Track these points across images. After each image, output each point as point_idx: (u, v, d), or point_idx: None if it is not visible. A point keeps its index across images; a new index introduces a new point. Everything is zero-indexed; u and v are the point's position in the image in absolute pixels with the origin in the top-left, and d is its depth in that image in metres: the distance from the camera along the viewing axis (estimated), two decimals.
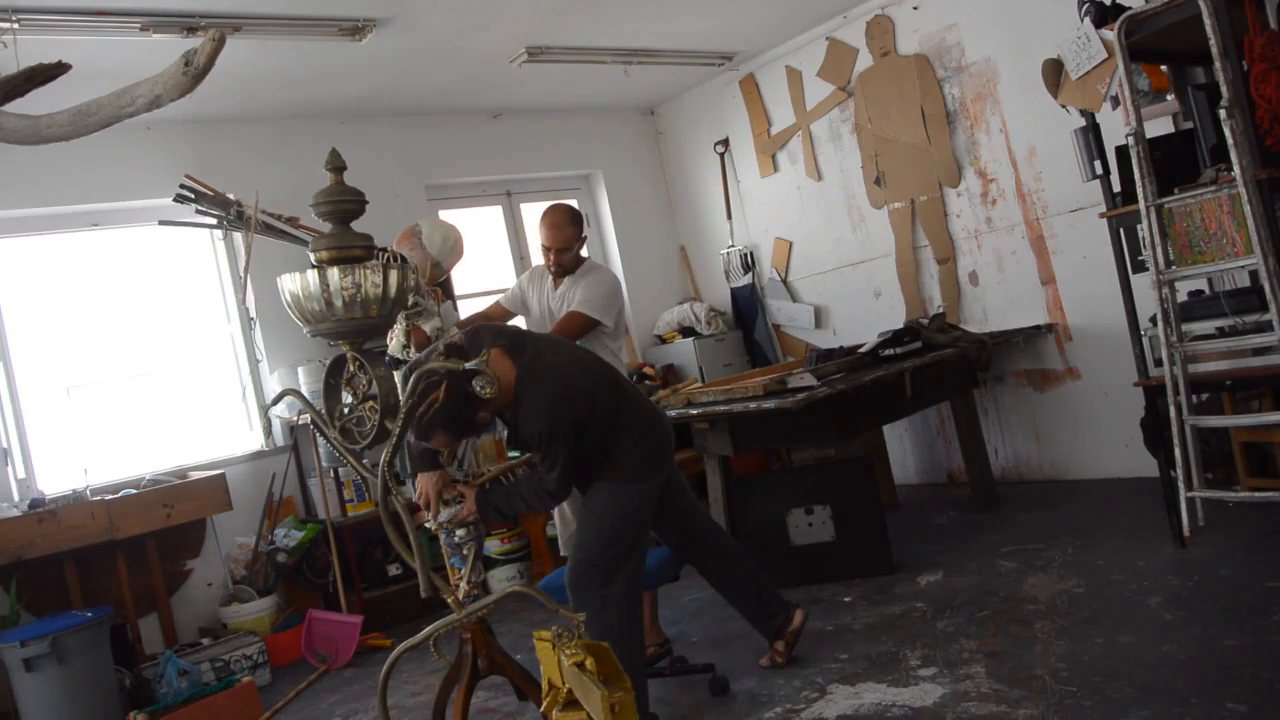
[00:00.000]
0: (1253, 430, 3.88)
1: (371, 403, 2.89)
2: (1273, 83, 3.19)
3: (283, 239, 3.20)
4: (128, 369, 5.06)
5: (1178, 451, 3.40)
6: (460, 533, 2.96)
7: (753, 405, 4.09)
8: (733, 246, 6.69)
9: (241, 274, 5.18)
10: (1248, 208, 3.11)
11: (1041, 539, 4.23)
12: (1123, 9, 3.60)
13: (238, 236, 5.32)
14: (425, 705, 3.51)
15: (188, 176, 3.17)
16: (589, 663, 2.12)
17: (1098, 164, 3.81)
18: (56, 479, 4.67)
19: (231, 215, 3.12)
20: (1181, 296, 3.68)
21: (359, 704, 3.93)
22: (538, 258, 6.66)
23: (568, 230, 3.71)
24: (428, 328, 3.14)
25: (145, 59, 3.65)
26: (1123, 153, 3.63)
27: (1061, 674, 2.87)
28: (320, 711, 3.96)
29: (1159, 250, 3.40)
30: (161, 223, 3.54)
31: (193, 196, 3.10)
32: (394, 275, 2.82)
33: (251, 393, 5.37)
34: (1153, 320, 3.61)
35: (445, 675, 3.10)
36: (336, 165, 2.91)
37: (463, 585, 2.94)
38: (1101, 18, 3.63)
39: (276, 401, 3.45)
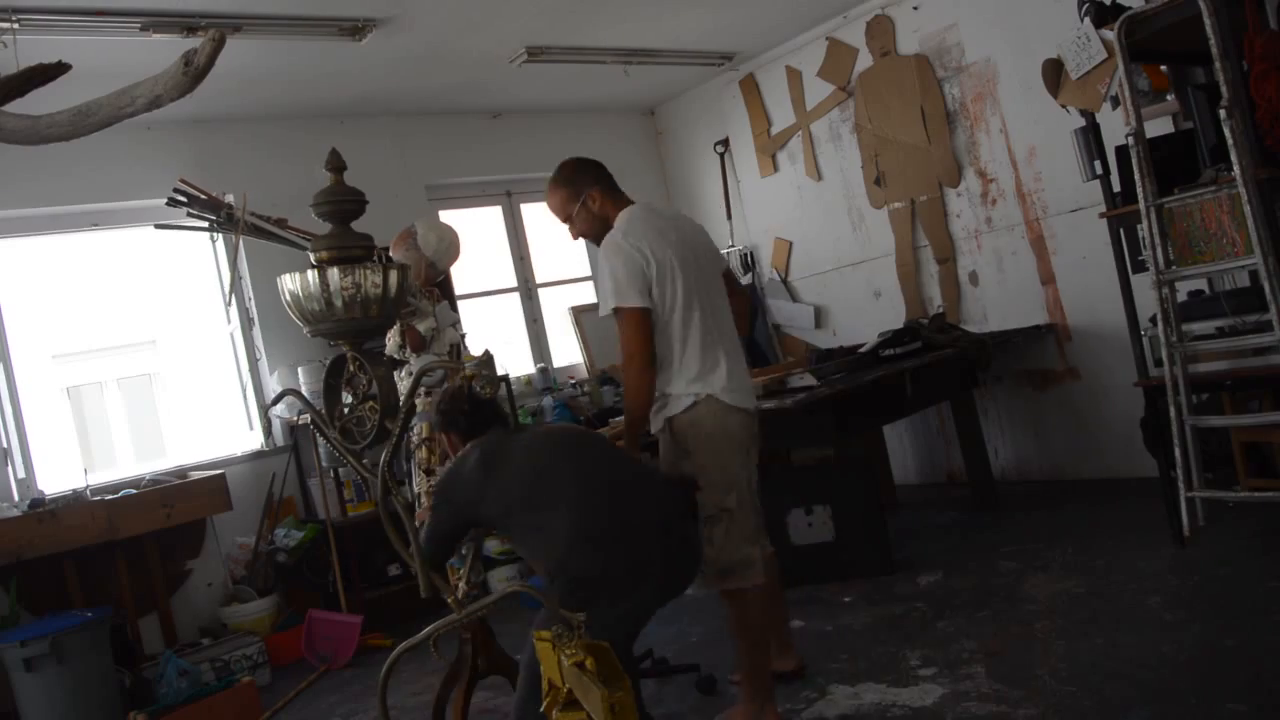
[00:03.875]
0: (1253, 430, 3.87)
1: (371, 403, 2.89)
2: (1273, 83, 3.19)
3: (271, 240, 3.21)
4: (128, 369, 5.06)
5: (1178, 451, 3.40)
6: None
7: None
8: (733, 246, 6.69)
9: (227, 274, 5.18)
10: (1248, 208, 3.11)
11: (1041, 539, 4.23)
12: (1123, 9, 3.60)
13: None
14: (425, 705, 3.50)
15: (181, 180, 3.19)
16: (589, 662, 2.12)
17: (1098, 164, 3.80)
18: (56, 479, 4.67)
19: (222, 218, 3.13)
20: (1181, 296, 3.68)
21: (359, 704, 3.93)
22: (537, 258, 6.73)
23: (556, 194, 3.08)
24: (422, 328, 3.15)
25: (145, 59, 3.65)
26: (1123, 153, 3.62)
27: (1061, 674, 2.87)
28: (320, 711, 3.96)
29: (1159, 250, 3.40)
30: (157, 226, 3.55)
31: (185, 200, 3.11)
32: (394, 275, 2.82)
33: (251, 393, 5.37)
34: (1153, 320, 3.61)
35: (445, 675, 3.11)
36: (336, 165, 2.91)
37: (461, 585, 2.94)
38: (1101, 18, 3.63)
39: (276, 401, 3.46)
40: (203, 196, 3.15)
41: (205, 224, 3.21)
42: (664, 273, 2.81)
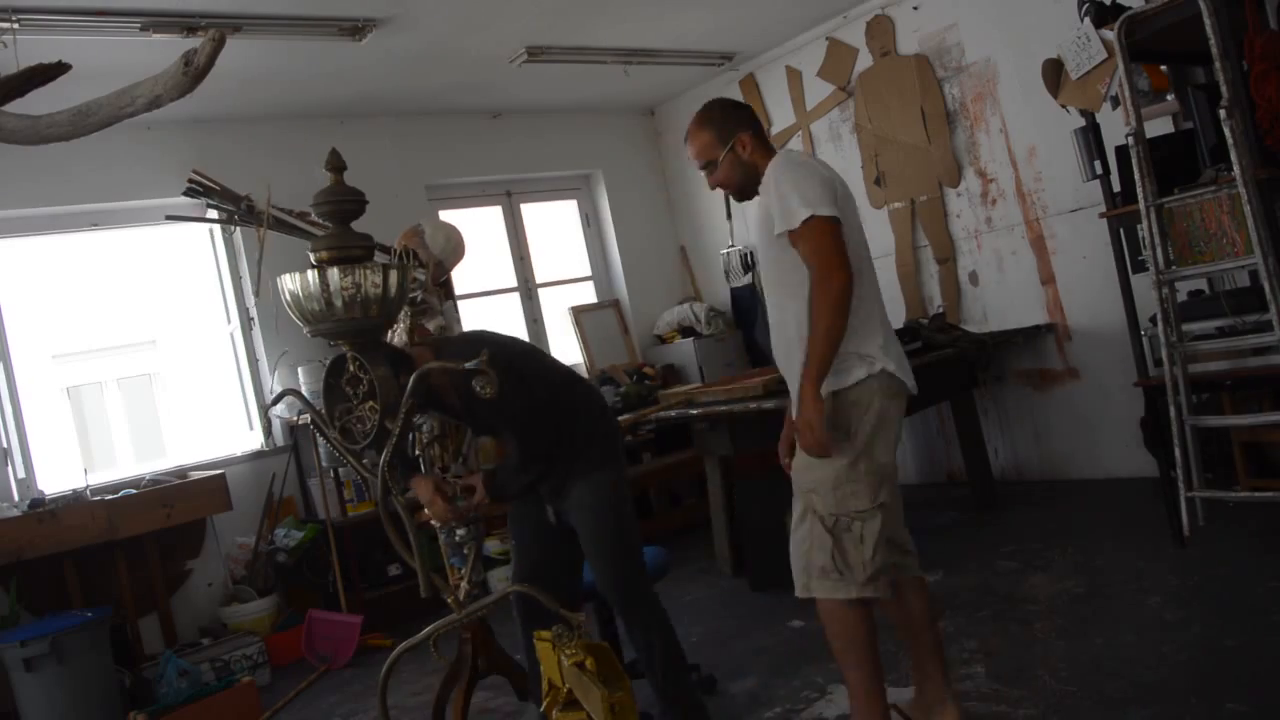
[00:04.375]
0: (1253, 430, 3.87)
1: (371, 403, 2.89)
2: (1273, 83, 3.19)
3: (294, 234, 3.19)
4: (128, 369, 5.06)
5: (1178, 451, 3.40)
6: (460, 532, 2.96)
7: (753, 405, 4.09)
8: (733, 246, 6.69)
9: (256, 268, 5.16)
10: (1248, 208, 3.11)
11: (1041, 539, 4.23)
12: (1123, 9, 3.60)
13: (238, 235, 5.33)
14: (425, 705, 3.50)
15: (195, 171, 3.16)
16: (589, 663, 2.12)
17: (1098, 164, 3.81)
18: (56, 479, 4.67)
19: (242, 210, 3.11)
20: (1181, 296, 3.68)
21: (359, 704, 3.93)
22: (538, 258, 6.73)
23: (702, 135, 2.65)
24: (431, 326, 3.15)
25: (145, 59, 3.65)
26: (1123, 153, 3.62)
27: (1061, 674, 2.87)
28: (320, 711, 3.96)
29: (1159, 250, 3.40)
30: (168, 218, 3.53)
31: (201, 191, 3.09)
32: (394, 275, 2.82)
33: (251, 393, 5.37)
34: (1153, 320, 3.60)
35: (445, 675, 3.11)
36: (336, 165, 2.90)
37: (463, 585, 2.94)
38: (1101, 18, 3.63)
39: (276, 401, 3.45)
40: (218, 188, 3.14)
41: (221, 216, 3.19)
42: (846, 207, 2.50)
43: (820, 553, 2.45)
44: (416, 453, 3.15)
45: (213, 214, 3.24)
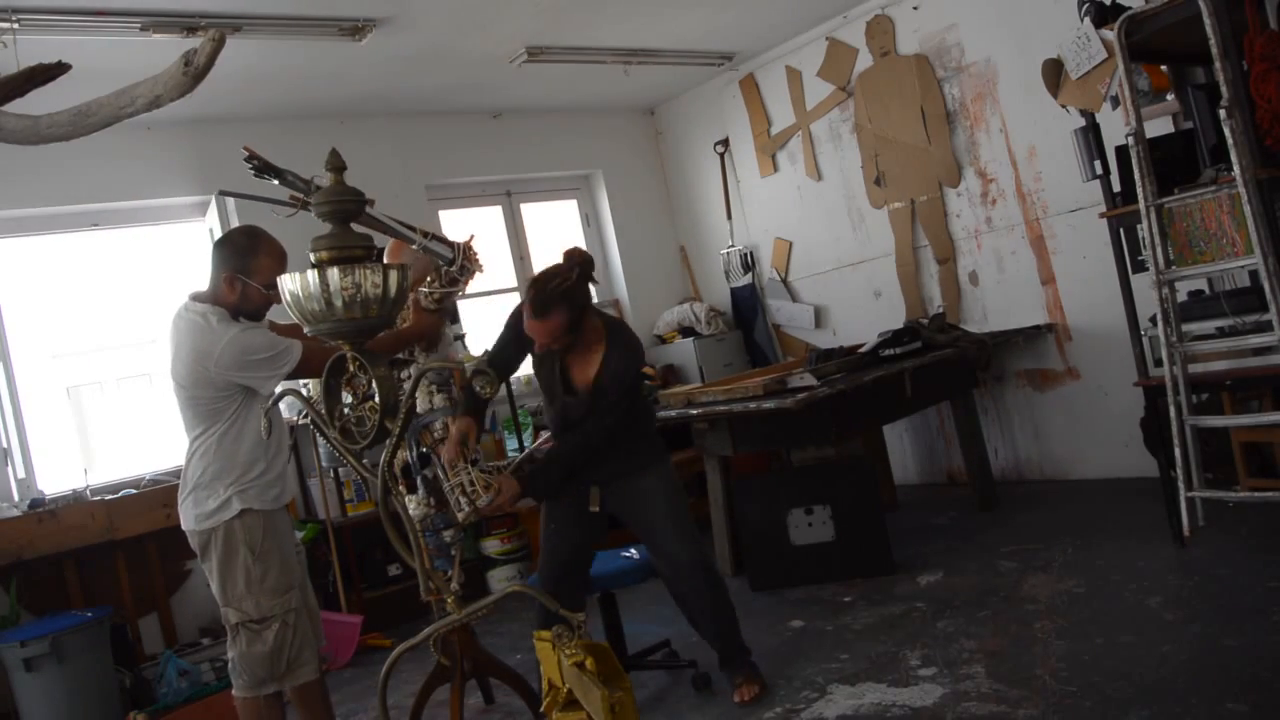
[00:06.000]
0: (1253, 430, 3.87)
1: (371, 403, 2.88)
2: (1273, 83, 3.19)
3: (373, 227, 3.11)
4: (128, 369, 5.06)
5: (1178, 451, 3.40)
6: (448, 534, 2.97)
7: (753, 405, 4.09)
8: (733, 246, 6.69)
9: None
10: (1248, 208, 3.11)
11: (1041, 539, 4.23)
12: (1123, 9, 3.60)
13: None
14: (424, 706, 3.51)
15: (247, 148, 3.08)
16: (589, 663, 2.12)
17: (1098, 164, 3.81)
18: (56, 479, 4.67)
19: (313, 190, 3.06)
20: (1181, 296, 3.68)
21: (359, 704, 3.93)
22: (538, 258, 6.73)
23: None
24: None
25: (145, 59, 3.65)
26: (1123, 153, 3.63)
27: (1061, 674, 2.87)
28: None
29: (1159, 250, 3.40)
30: (221, 193, 3.50)
31: (264, 169, 3.03)
32: (394, 275, 2.81)
33: None
34: (1153, 320, 3.61)
35: (426, 679, 3.12)
36: (336, 165, 2.89)
37: (454, 585, 2.95)
38: (1101, 18, 3.63)
39: (276, 401, 3.44)
40: (284, 168, 3.08)
41: (287, 196, 3.12)
42: None
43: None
44: (424, 449, 3.15)
45: (257, 197, 3.14)
